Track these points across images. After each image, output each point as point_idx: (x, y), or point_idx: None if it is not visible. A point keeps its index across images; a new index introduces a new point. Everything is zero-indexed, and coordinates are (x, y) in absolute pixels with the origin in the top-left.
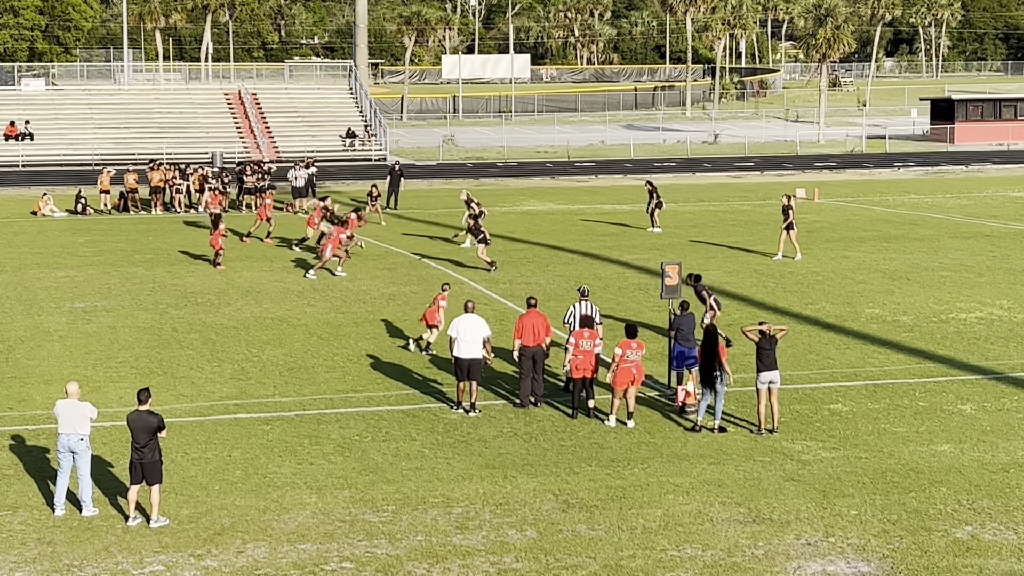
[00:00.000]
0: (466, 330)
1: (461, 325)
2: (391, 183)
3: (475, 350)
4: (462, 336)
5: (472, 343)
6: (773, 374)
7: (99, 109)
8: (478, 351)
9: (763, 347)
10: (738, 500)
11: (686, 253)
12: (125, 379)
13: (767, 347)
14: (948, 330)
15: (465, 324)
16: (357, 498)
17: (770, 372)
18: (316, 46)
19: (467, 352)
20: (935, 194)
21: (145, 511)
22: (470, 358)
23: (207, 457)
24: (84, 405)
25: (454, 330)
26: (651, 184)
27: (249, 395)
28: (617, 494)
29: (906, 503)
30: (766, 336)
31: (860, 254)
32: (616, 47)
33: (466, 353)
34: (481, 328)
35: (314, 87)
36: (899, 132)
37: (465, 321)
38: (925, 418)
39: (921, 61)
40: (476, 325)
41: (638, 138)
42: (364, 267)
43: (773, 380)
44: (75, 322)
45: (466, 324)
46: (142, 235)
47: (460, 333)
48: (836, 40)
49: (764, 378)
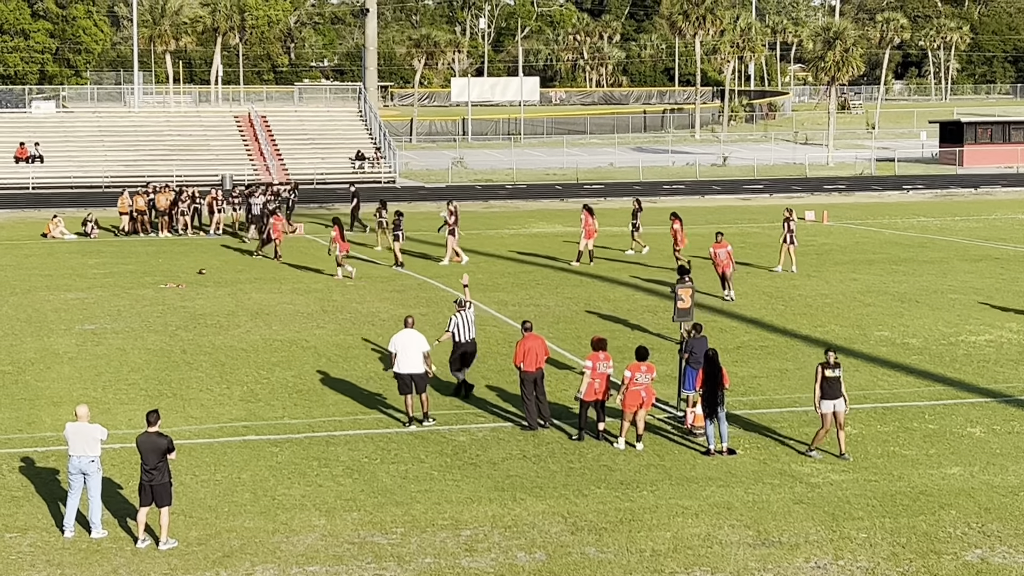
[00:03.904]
0: (406, 345)
1: (401, 341)
2: (355, 207)
3: (417, 364)
4: (403, 351)
5: (413, 358)
6: (838, 402)
7: (109, 131)
8: (420, 365)
9: (828, 377)
10: (747, 523)
11: (696, 276)
12: (134, 401)
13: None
14: (957, 353)
15: (405, 340)
16: (366, 520)
17: (834, 400)
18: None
19: (408, 367)
20: (944, 217)
21: (154, 533)
22: (412, 372)
23: (216, 479)
24: (94, 427)
25: (394, 346)
26: (638, 203)
27: (258, 417)
28: (626, 516)
29: (916, 526)
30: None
31: (869, 276)
32: (625, 70)
33: (407, 368)
34: (420, 343)
35: (324, 109)
36: (908, 155)
37: (405, 337)
38: (934, 441)
39: (930, 84)
40: (415, 340)
41: (647, 160)
42: (373, 289)
43: (838, 407)
44: (85, 344)
45: (405, 340)
46: (152, 257)
47: (400, 348)
48: (845, 63)
49: (827, 406)
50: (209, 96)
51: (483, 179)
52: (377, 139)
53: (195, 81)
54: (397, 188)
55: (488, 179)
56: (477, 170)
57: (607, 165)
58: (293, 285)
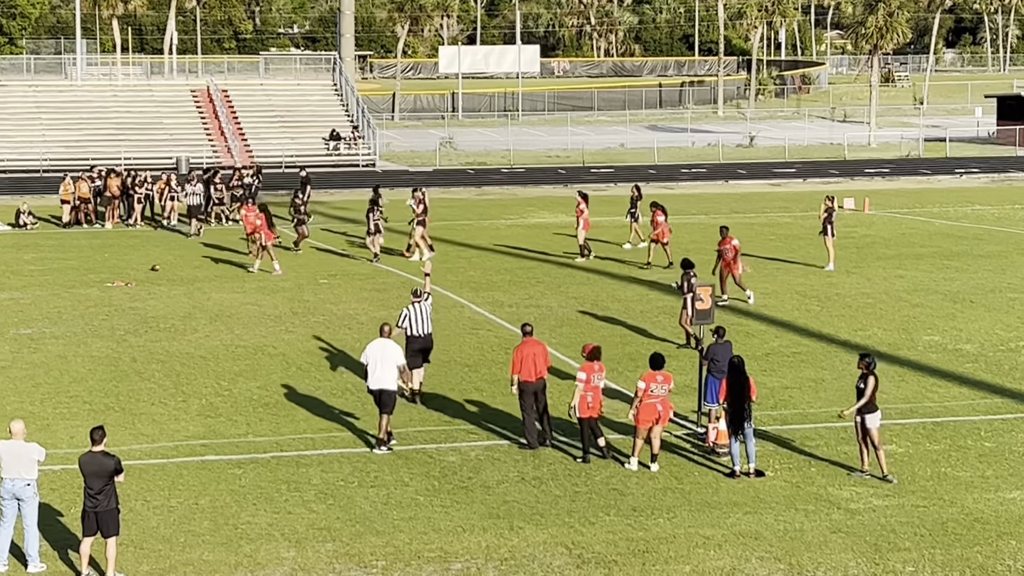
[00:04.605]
0: (378, 357)
1: (373, 352)
2: (305, 195)
3: (389, 379)
4: (374, 363)
5: (386, 372)
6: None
7: (48, 108)
8: (392, 381)
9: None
10: (778, 555)
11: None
12: (77, 416)
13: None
14: (1018, 360)
15: (377, 351)
16: (342, 552)
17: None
18: (296, 36)
19: (379, 382)
20: (1002, 205)
21: (99, 567)
22: (382, 388)
23: (171, 505)
24: (31, 446)
25: (365, 357)
26: (637, 189)
27: (219, 434)
28: (639, 547)
29: (970, 558)
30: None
31: (917, 273)
32: (638, 37)
33: (378, 383)
34: (396, 355)
35: (293, 82)
36: (961, 134)
37: (377, 347)
38: (991, 461)
39: (986, 53)
40: (390, 351)
41: (663, 141)
42: (350, 288)
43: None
44: (20, 351)
45: (378, 351)
46: (96, 251)
47: (371, 360)
48: (889, 29)
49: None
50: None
51: (475, 162)
52: (354, 116)
53: (146, 50)
54: (378, 172)
55: (481, 162)
56: (469, 152)
57: (617, 146)
58: (258, 283)
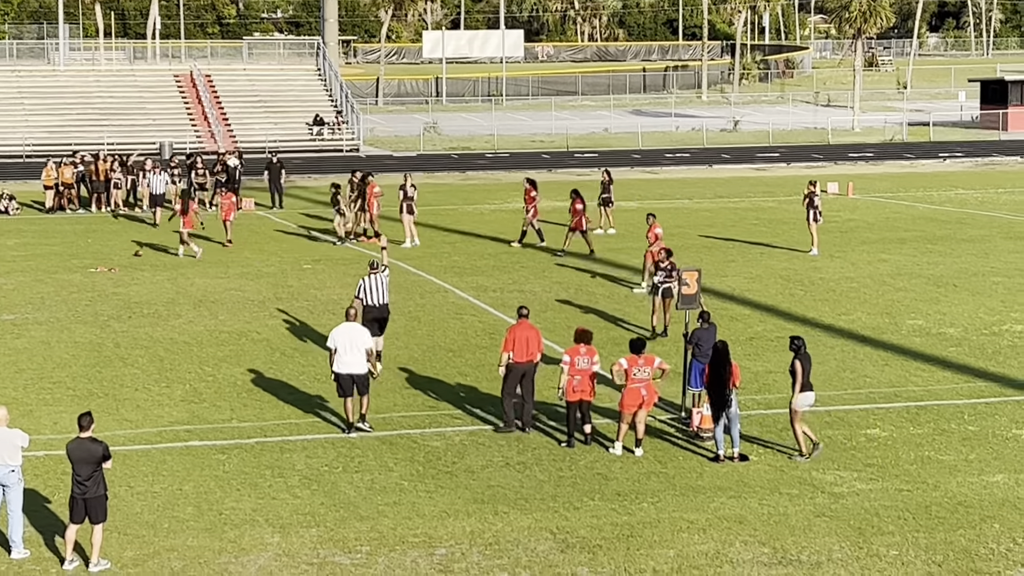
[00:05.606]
0: (347, 342)
1: (340, 336)
2: (271, 178)
3: (359, 364)
4: (343, 348)
5: (355, 357)
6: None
7: (30, 93)
8: (362, 365)
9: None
10: (762, 539)
11: (702, 257)
12: (60, 402)
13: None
14: (1001, 344)
15: (345, 335)
16: (326, 538)
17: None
18: (279, 21)
19: (349, 367)
20: (986, 189)
21: (84, 553)
22: (353, 373)
23: (154, 491)
24: (14, 432)
25: (332, 342)
26: (607, 173)
27: (203, 420)
28: (623, 532)
29: (953, 542)
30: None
31: (900, 257)
32: (622, 22)
33: (348, 368)
34: (364, 338)
35: (276, 67)
36: (945, 118)
37: (345, 331)
38: (975, 444)
39: (970, 37)
40: (358, 335)
41: (647, 125)
42: (334, 273)
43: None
44: (3, 337)
45: (346, 335)
46: (80, 237)
47: (340, 345)
48: (873, 13)
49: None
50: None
51: (460, 147)
52: (338, 101)
53: (129, 35)
54: (361, 157)
55: (465, 147)
56: (453, 137)
57: (601, 131)
58: (242, 269)
